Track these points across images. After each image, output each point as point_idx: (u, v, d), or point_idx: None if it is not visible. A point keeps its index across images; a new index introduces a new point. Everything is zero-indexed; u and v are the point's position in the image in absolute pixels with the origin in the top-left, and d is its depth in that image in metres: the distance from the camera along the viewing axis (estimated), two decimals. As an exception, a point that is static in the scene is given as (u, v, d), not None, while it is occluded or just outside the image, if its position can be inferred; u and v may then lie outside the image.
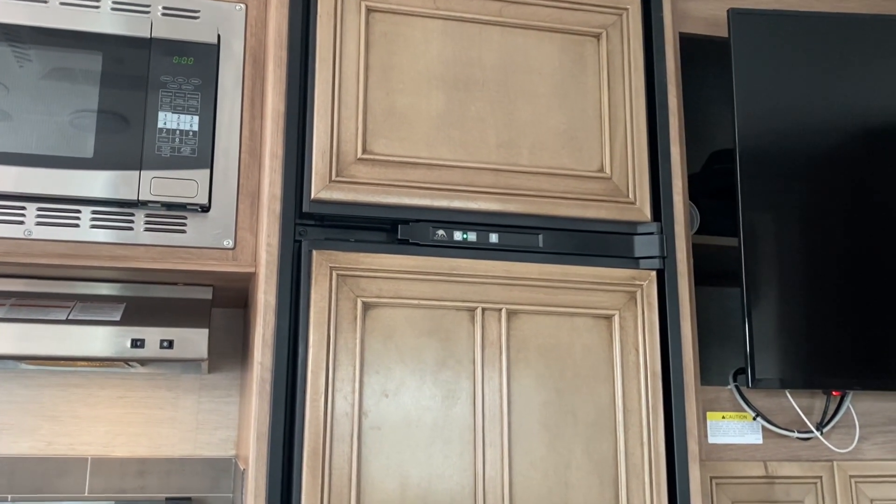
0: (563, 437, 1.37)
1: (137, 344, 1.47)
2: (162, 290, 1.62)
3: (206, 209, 1.53)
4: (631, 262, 1.47)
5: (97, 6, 1.56)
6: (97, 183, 1.48)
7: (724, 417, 1.58)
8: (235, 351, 1.90)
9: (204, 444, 1.85)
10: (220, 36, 1.60)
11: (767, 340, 1.54)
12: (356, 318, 1.33)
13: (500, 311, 1.39)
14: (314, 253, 1.34)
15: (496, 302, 1.39)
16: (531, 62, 1.49)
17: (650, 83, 1.56)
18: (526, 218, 1.44)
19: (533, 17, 1.50)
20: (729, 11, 1.65)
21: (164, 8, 1.58)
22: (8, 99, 1.48)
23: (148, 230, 1.50)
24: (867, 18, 1.68)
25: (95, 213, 1.49)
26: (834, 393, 1.61)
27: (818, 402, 1.62)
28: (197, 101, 1.55)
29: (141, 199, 1.49)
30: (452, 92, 1.45)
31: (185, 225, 1.52)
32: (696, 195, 1.92)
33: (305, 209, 1.36)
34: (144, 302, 1.58)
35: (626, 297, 1.44)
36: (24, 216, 1.46)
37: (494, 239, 1.42)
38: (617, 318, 1.42)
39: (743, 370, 1.56)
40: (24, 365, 1.65)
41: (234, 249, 1.53)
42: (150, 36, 1.55)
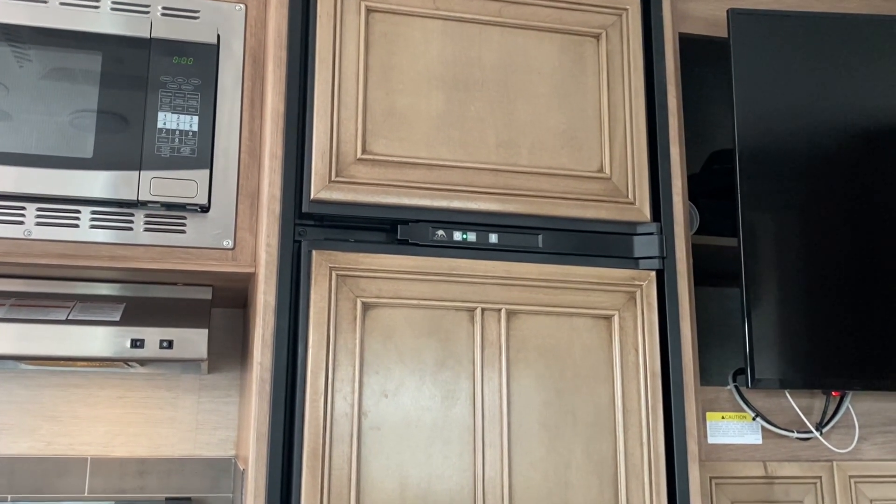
0: (562, 437, 1.37)
1: (137, 344, 1.47)
2: (161, 290, 1.62)
3: (205, 209, 1.53)
4: (630, 262, 1.47)
5: (97, 6, 1.56)
6: (97, 183, 1.48)
7: (723, 418, 1.58)
8: (235, 351, 1.90)
9: (204, 444, 1.85)
10: (219, 36, 1.60)
11: (767, 341, 1.54)
12: (356, 318, 1.33)
13: (499, 311, 1.39)
14: (314, 253, 1.34)
15: (496, 302, 1.39)
16: (531, 62, 1.49)
17: (650, 83, 1.56)
18: (525, 218, 1.44)
19: (533, 17, 1.50)
20: (728, 12, 1.65)
21: (163, 8, 1.58)
22: (8, 99, 1.48)
23: (147, 230, 1.50)
24: (867, 19, 1.68)
25: (95, 213, 1.49)
26: (833, 393, 1.61)
27: (818, 402, 1.62)
28: (196, 101, 1.55)
29: (140, 199, 1.49)
30: (452, 92, 1.45)
31: (184, 225, 1.52)
32: (695, 195, 1.92)
33: (305, 209, 1.36)
34: (144, 302, 1.58)
35: (625, 297, 1.44)
36: (23, 216, 1.46)
37: (494, 239, 1.42)
38: (616, 318, 1.42)
39: (742, 370, 1.56)
40: (23, 365, 1.65)
41: (233, 250, 1.53)
42: (149, 36, 1.55)
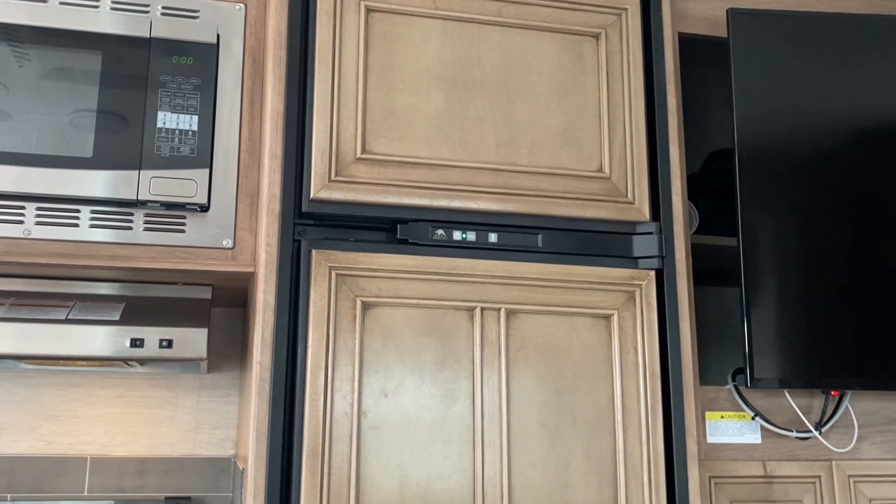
0: (562, 436, 1.37)
1: (137, 343, 1.47)
2: (161, 289, 1.62)
3: (205, 209, 1.53)
4: (630, 261, 1.47)
5: (96, 6, 1.56)
6: (96, 183, 1.48)
7: (722, 417, 1.58)
8: (235, 350, 1.90)
9: (203, 443, 1.85)
10: (219, 36, 1.60)
11: (766, 340, 1.54)
12: (355, 317, 1.33)
13: (499, 310, 1.39)
14: (313, 252, 1.34)
15: (495, 301, 1.39)
16: (530, 62, 1.49)
17: (649, 83, 1.56)
18: (525, 218, 1.44)
19: (532, 17, 1.50)
20: (728, 11, 1.66)
21: (163, 8, 1.58)
22: (7, 99, 1.48)
23: (147, 230, 1.50)
24: (866, 18, 1.68)
25: (95, 212, 1.49)
26: (833, 393, 1.61)
27: (817, 401, 1.62)
28: (196, 100, 1.55)
29: (140, 198, 1.49)
30: (452, 92, 1.45)
31: (184, 225, 1.52)
32: (695, 195, 1.92)
33: (305, 209, 1.36)
34: (144, 301, 1.58)
35: (625, 296, 1.44)
36: (23, 216, 1.46)
37: (493, 238, 1.42)
38: (616, 317, 1.43)
39: (742, 370, 1.56)
40: (23, 364, 1.65)
41: (233, 249, 1.53)
42: (149, 36, 1.55)
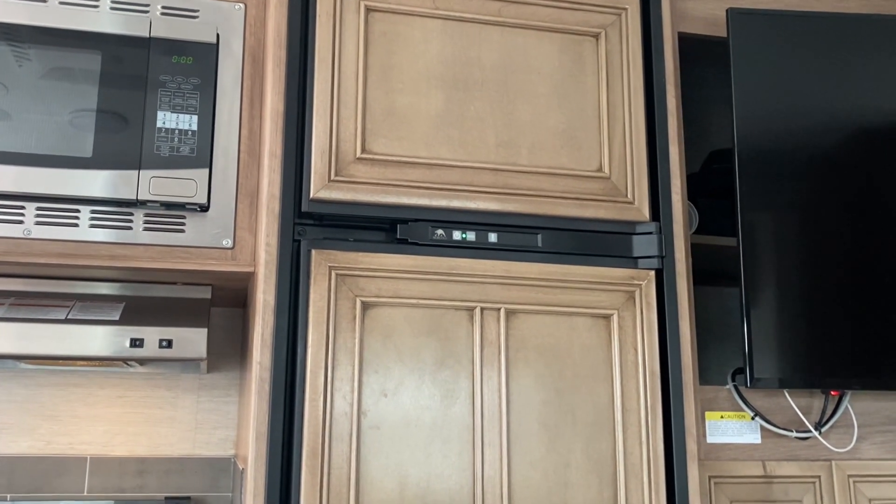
0: (562, 436, 1.37)
1: (136, 343, 1.47)
2: (161, 289, 1.62)
3: (205, 209, 1.53)
4: (630, 261, 1.47)
5: (96, 6, 1.56)
6: (96, 182, 1.48)
7: (722, 417, 1.58)
8: (234, 350, 1.90)
9: (203, 443, 1.85)
10: (219, 35, 1.60)
11: (766, 340, 1.54)
12: (355, 317, 1.33)
13: (498, 310, 1.39)
14: (313, 252, 1.34)
15: (495, 301, 1.39)
16: (530, 62, 1.49)
17: (649, 83, 1.56)
18: (525, 217, 1.44)
19: (532, 16, 1.50)
20: (728, 11, 1.66)
21: (163, 7, 1.58)
22: (7, 98, 1.48)
23: (147, 230, 1.50)
24: (866, 18, 1.68)
25: (94, 212, 1.49)
26: (833, 393, 1.61)
27: (817, 401, 1.62)
28: (196, 100, 1.55)
29: (140, 198, 1.49)
30: (452, 92, 1.45)
31: (183, 224, 1.52)
32: (694, 195, 1.92)
33: (304, 209, 1.36)
34: (143, 301, 1.58)
35: (624, 296, 1.44)
36: (23, 216, 1.46)
37: (493, 238, 1.42)
38: (616, 317, 1.43)
39: (741, 370, 1.56)
40: (23, 364, 1.65)
41: (233, 249, 1.53)
42: (149, 35, 1.55)
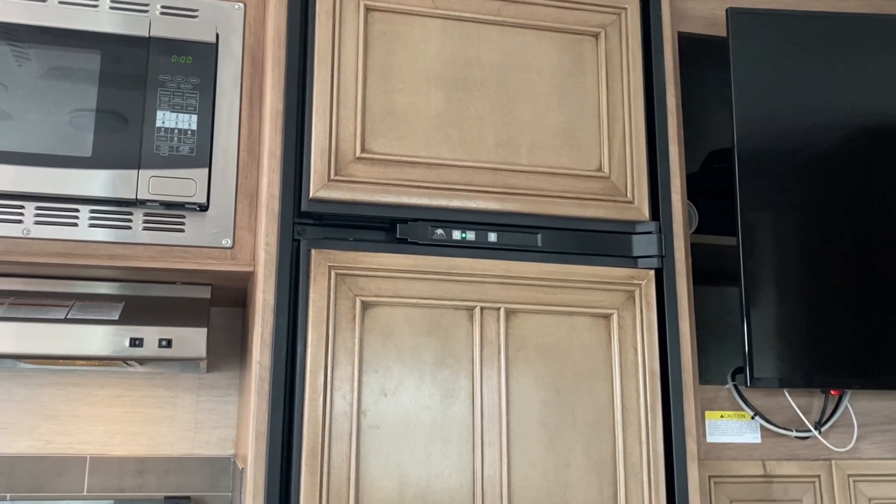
0: (561, 436, 1.37)
1: (136, 343, 1.47)
2: (160, 289, 1.62)
3: (204, 208, 1.53)
4: (629, 261, 1.47)
5: (95, 5, 1.55)
6: (96, 182, 1.48)
7: (722, 416, 1.58)
8: (234, 350, 1.90)
9: (203, 443, 1.85)
10: (218, 35, 1.59)
11: (766, 340, 1.54)
12: (355, 317, 1.33)
13: (498, 310, 1.39)
14: (313, 252, 1.34)
15: (495, 301, 1.39)
16: (530, 61, 1.49)
17: (649, 82, 1.56)
18: (524, 217, 1.44)
19: (532, 16, 1.50)
20: (728, 11, 1.65)
21: (162, 7, 1.58)
22: (7, 98, 1.48)
23: (146, 229, 1.50)
24: (866, 18, 1.68)
25: (94, 212, 1.49)
26: (832, 392, 1.61)
27: (816, 401, 1.62)
28: (195, 100, 1.55)
29: (139, 198, 1.49)
30: (451, 91, 1.45)
31: (183, 224, 1.52)
32: (694, 194, 1.92)
33: (304, 208, 1.36)
34: (143, 301, 1.58)
35: (624, 296, 1.44)
36: (22, 215, 1.46)
37: (493, 238, 1.42)
38: (615, 317, 1.42)
39: (741, 369, 1.56)
40: (22, 364, 1.65)
41: (232, 248, 1.53)
42: (148, 35, 1.55)
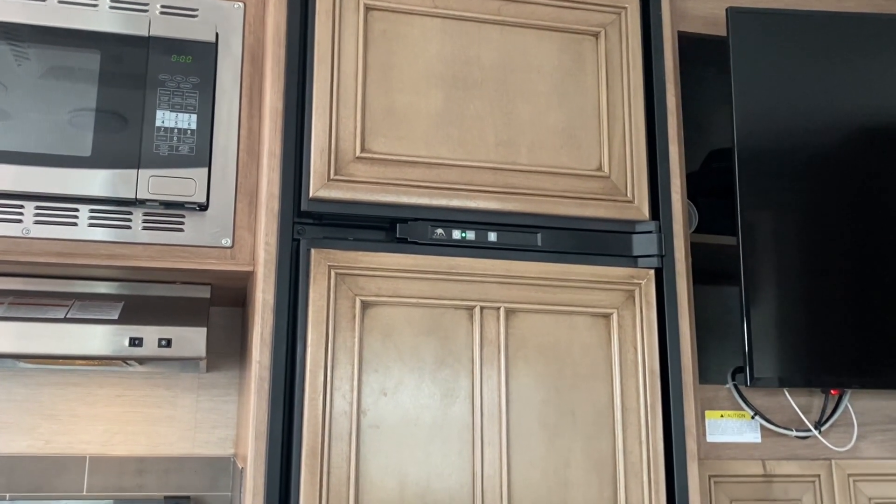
0: (561, 435, 1.37)
1: (136, 342, 1.47)
2: (160, 288, 1.62)
3: (204, 208, 1.53)
4: (629, 260, 1.47)
5: (95, 4, 1.55)
6: (95, 181, 1.48)
7: (722, 416, 1.58)
8: (234, 350, 1.90)
9: (202, 442, 1.84)
10: (218, 34, 1.59)
11: (766, 339, 1.54)
12: (355, 316, 1.33)
13: (498, 309, 1.39)
14: (312, 252, 1.34)
15: (495, 300, 1.39)
16: (530, 61, 1.49)
17: (649, 82, 1.56)
18: (524, 217, 1.44)
19: (532, 15, 1.50)
20: (728, 10, 1.65)
21: (162, 6, 1.58)
22: (6, 97, 1.47)
23: (146, 229, 1.50)
24: (866, 17, 1.68)
25: (94, 211, 1.49)
26: (832, 392, 1.61)
27: (816, 400, 1.62)
28: (195, 99, 1.55)
29: (139, 197, 1.49)
30: (451, 91, 1.45)
31: (183, 224, 1.52)
32: (694, 194, 1.92)
33: (304, 208, 1.36)
34: (143, 300, 1.57)
35: (624, 295, 1.44)
36: (22, 215, 1.46)
37: (493, 238, 1.42)
38: (615, 316, 1.42)
39: (741, 369, 1.56)
40: (22, 363, 1.65)
41: (232, 248, 1.53)
42: (148, 34, 1.55)
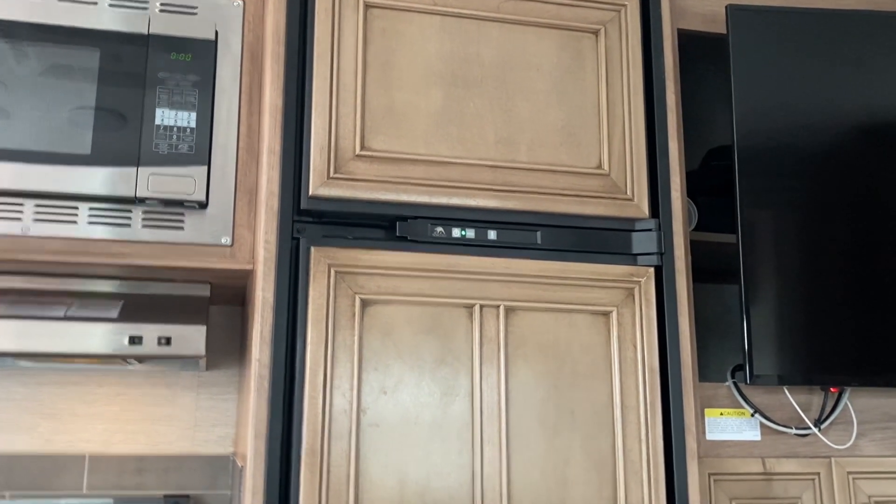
0: (561, 434, 1.37)
1: (135, 341, 1.47)
2: (160, 287, 1.61)
3: (203, 206, 1.53)
4: (629, 258, 1.47)
5: (94, 2, 1.55)
6: (95, 179, 1.47)
7: (722, 414, 1.58)
8: (233, 348, 1.90)
9: (202, 441, 1.84)
10: (217, 32, 1.59)
11: (766, 337, 1.54)
12: (354, 315, 1.33)
13: (498, 307, 1.39)
14: (312, 250, 1.34)
15: (494, 299, 1.38)
16: (530, 58, 1.49)
17: (648, 79, 1.56)
18: (524, 215, 1.44)
19: (531, 13, 1.50)
20: (727, 7, 1.65)
21: (161, 4, 1.58)
22: (6, 95, 1.47)
23: (146, 227, 1.50)
24: (866, 14, 1.68)
25: (93, 209, 1.48)
26: (832, 390, 1.61)
27: (816, 398, 1.62)
28: (195, 97, 1.54)
29: (139, 195, 1.49)
30: (451, 88, 1.44)
31: (182, 222, 1.52)
32: (694, 192, 1.92)
33: (303, 206, 1.36)
34: (142, 299, 1.57)
35: (624, 293, 1.44)
36: (21, 213, 1.46)
37: (493, 236, 1.42)
38: (615, 314, 1.42)
39: (741, 367, 1.56)
40: (21, 362, 1.65)
41: (231, 246, 1.53)
42: (147, 32, 1.55)
